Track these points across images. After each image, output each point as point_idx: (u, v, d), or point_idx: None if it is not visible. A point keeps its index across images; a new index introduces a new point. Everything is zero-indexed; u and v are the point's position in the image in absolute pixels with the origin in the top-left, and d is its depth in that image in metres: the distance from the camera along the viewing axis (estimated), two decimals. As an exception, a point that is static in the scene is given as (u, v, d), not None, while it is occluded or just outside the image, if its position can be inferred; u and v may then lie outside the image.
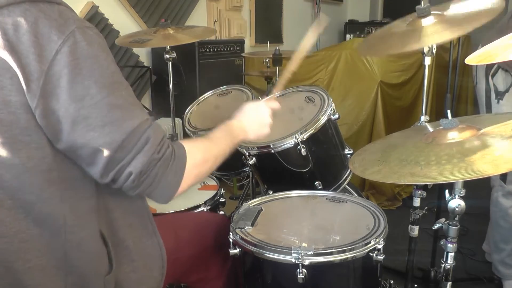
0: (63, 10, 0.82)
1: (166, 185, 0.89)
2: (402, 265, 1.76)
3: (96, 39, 0.83)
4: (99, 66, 0.81)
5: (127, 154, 0.83)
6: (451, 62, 1.97)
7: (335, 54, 3.19)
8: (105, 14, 2.50)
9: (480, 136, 1.00)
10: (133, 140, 0.83)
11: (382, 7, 5.84)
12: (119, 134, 0.81)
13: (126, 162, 0.83)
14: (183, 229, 1.30)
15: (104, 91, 0.81)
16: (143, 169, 0.84)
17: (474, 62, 1.00)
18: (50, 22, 0.78)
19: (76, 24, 0.80)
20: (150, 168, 0.85)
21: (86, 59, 0.80)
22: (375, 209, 1.35)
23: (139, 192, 0.88)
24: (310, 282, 1.12)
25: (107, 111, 0.80)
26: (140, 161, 0.84)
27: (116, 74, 0.85)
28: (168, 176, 0.88)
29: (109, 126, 0.81)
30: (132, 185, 0.85)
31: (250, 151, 1.59)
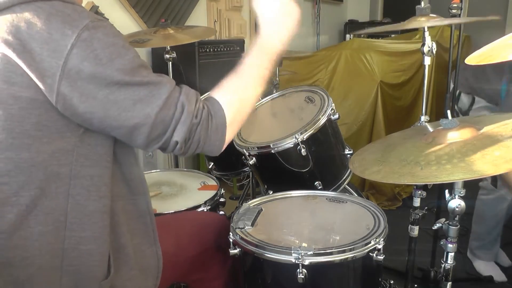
0: (77, 7, 0.83)
1: (212, 143, 0.92)
2: (402, 265, 1.76)
3: (110, 29, 0.84)
4: (118, 54, 0.82)
5: (167, 127, 0.86)
6: (451, 62, 1.97)
7: (335, 54, 3.20)
8: (105, 14, 2.50)
9: (480, 136, 1.00)
10: (169, 111, 0.85)
11: (382, 7, 5.84)
12: (151, 109, 0.83)
13: (169, 134, 0.86)
14: (184, 230, 1.30)
15: (128, 76, 0.82)
16: (186, 137, 0.87)
17: (474, 62, 1.00)
18: (63, 17, 0.79)
19: (90, 18, 0.82)
20: (192, 134, 0.88)
21: (104, 49, 0.81)
22: (375, 209, 1.35)
23: (191, 153, 0.92)
24: (310, 282, 1.12)
25: (134, 91, 0.82)
26: (182, 130, 0.87)
27: (136, 59, 0.86)
28: (211, 135, 0.91)
29: (139, 103, 0.83)
30: (180, 152, 0.89)
31: (250, 151, 1.59)
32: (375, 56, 3.06)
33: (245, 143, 1.63)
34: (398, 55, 3.12)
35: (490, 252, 2.20)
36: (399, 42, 3.35)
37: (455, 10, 1.75)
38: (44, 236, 0.85)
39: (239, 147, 1.63)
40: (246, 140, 1.65)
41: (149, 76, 0.86)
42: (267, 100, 1.86)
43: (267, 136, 1.60)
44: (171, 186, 1.72)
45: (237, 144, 1.64)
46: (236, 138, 1.67)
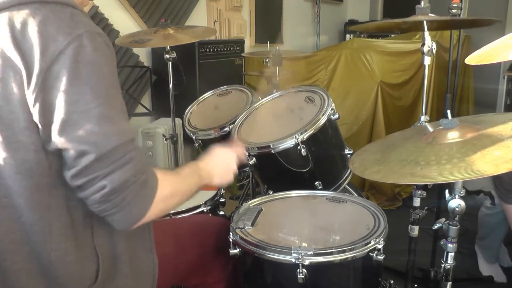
0: (76, 14, 0.82)
1: (131, 211, 0.85)
2: (402, 265, 1.76)
3: (103, 47, 0.83)
4: (98, 74, 0.81)
5: (107, 166, 0.80)
6: (451, 62, 1.97)
7: (335, 54, 3.20)
8: (105, 14, 2.50)
9: (480, 136, 1.00)
10: (117, 155, 0.81)
11: (382, 7, 5.84)
12: (104, 145, 0.80)
13: (103, 174, 0.80)
14: (184, 234, 1.29)
15: (99, 100, 0.80)
16: (117, 187, 0.81)
17: (474, 62, 1.00)
18: (59, 22, 0.78)
19: (85, 28, 0.80)
20: (123, 188, 0.82)
21: (87, 64, 0.79)
22: (375, 209, 1.35)
23: (101, 210, 0.83)
24: (310, 282, 1.12)
25: (98, 121, 0.79)
26: (118, 177, 0.81)
27: (113, 87, 0.84)
28: (136, 202, 0.85)
29: (96, 135, 0.79)
30: (100, 199, 0.81)
31: (250, 151, 1.59)
32: (375, 56, 3.06)
33: (245, 143, 1.63)
34: (398, 55, 3.12)
35: (492, 254, 2.20)
36: (399, 42, 3.35)
37: (455, 10, 1.75)
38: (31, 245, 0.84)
39: (239, 147, 1.63)
40: (246, 140, 1.65)
41: (118, 112, 0.83)
42: (267, 100, 1.85)
43: (267, 136, 1.60)
44: (171, 186, 1.71)
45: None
46: (236, 138, 1.67)
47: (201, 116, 2.04)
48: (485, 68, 2.05)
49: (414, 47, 2.95)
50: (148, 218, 0.88)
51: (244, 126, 1.74)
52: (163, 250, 1.19)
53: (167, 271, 1.18)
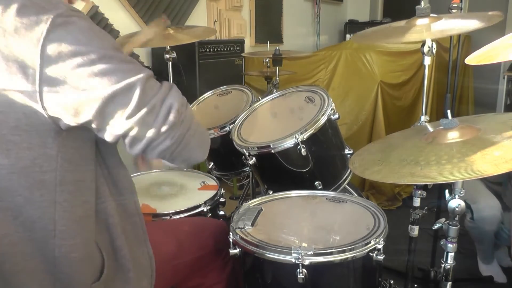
0: None
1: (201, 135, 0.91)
2: (402, 265, 1.76)
3: (85, 19, 0.81)
4: (96, 36, 0.80)
5: (158, 90, 0.83)
6: (451, 62, 1.97)
7: (335, 54, 3.20)
8: (105, 14, 2.50)
9: (480, 136, 1.00)
10: (155, 84, 0.84)
11: (382, 7, 5.84)
12: (143, 73, 0.81)
13: (161, 96, 0.82)
14: (184, 235, 1.29)
15: (111, 51, 0.80)
16: (181, 101, 0.84)
17: (474, 62, 1.00)
18: (36, 8, 0.76)
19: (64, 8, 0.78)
20: (184, 107, 0.85)
21: (81, 32, 0.78)
22: (375, 209, 1.35)
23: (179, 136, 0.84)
24: (310, 282, 1.12)
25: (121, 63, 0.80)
26: (177, 96, 0.85)
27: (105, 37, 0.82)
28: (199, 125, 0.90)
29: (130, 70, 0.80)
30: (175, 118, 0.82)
31: (250, 151, 1.59)
32: (375, 56, 3.06)
33: (245, 143, 1.63)
34: (398, 55, 3.12)
35: (486, 256, 2.22)
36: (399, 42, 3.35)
37: (455, 10, 1.75)
38: (33, 243, 0.83)
39: (239, 147, 1.63)
40: (246, 140, 1.65)
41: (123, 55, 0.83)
42: (267, 100, 1.86)
43: (267, 136, 1.60)
44: (171, 186, 1.72)
45: (237, 144, 1.64)
46: (236, 138, 1.67)
47: (201, 116, 2.04)
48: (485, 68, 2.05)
49: (414, 47, 2.94)
50: None
51: (244, 126, 1.74)
52: (163, 249, 1.19)
53: (167, 272, 1.18)
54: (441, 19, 1.44)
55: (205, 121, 1.98)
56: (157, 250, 1.17)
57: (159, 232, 1.25)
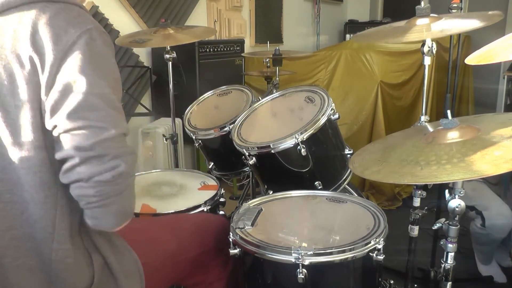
0: (83, 13, 0.86)
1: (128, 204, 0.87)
2: (402, 265, 1.76)
3: (109, 44, 0.87)
4: (108, 67, 0.85)
5: (123, 147, 0.83)
6: (451, 62, 1.97)
7: (335, 54, 3.20)
8: (105, 14, 2.50)
9: (480, 136, 1.00)
10: (125, 142, 0.84)
11: (382, 7, 5.85)
12: (120, 126, 0.83)
13: (120, 152, 0.81)
14: (185, 230, 1.30)
15: (109, 88, 0.83)
16: (128, 170, 0.82)
17: (474, 62, 1.00)
18: (68, 18, 0.82)
19: (94, 25, 0.85)
20: (130, 175, 0.84)
21: (99, 56, 0.83)
22: (375, 209, 1.35)
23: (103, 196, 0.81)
24: (310, 282, 1.12)
25: (112, 105, 0.83)
26: (131, 161, 0.84)
27: (118, 81, 0.88)
28: (133, 196, 0.87)
29: (113, 117, 0.82)
30: (108, 180, 0.80)
31: (250, 151, 1.59)
32: (375, 56, 3.06)
33: (245, 143, 1.63)
34: (398, 55, 3.12)
35: (486, 258, 2.21)
36: (399, 42, 3.35)
37: (455, 10, 1.75)
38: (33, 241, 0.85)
39: (239, 147, 1.63)
40: (246, 140, 1.65)
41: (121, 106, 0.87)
42: (267, 100, 1.86)
43: (267, 136, 1.60)
44: (171, 186, 1.72)
45: (237, 144, 1.64)
46: (236, 138, 1.67)
47: (201, 116, 2.04)
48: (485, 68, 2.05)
49: (414, 47, 2.94)
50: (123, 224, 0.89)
51: (244, 126, 1.74)
52: (164, 246, 1.19)
53: (168, 268, 1.18)
54: (441, 19, 1.44)
55: (205, 121, 1.98)
56: (157, 247, 1.17)
57: (160, 229, 1.25)
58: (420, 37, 1.42)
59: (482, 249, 2.18)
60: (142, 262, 1.05)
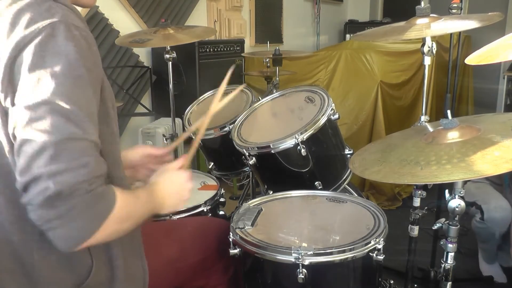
0: (55, 6, 0.80)
1: (77, 226, 0.73)
2: (402, 265, 1.76)
3: (78, 39, 0.78)
4: (65, 66, 0.75)
5: (55, 163, 0.71)
6: (451, 62, 1.96)
7: (335, 54, 3.20)
8: (105, 14, 2.50)
9: (480, 136, 1.00)
10: (69, 153, 0.72)
11: (382, 7, 5.84)
12: (55, 135, 0.72)
13: (49, 172, 0.70)
14: (187, 236, 1.29)
15: (59, 92, 0.74)
16: (64, 191, 0.71)
17: (474, 62, 1.00)
18: (33, 14, 0.78)
19: (61, 19, 0.77)
20: (72, 195, 0.71)
21: (54, 54, 0.75)
22: (375, 209, 1.35)
23: (41, 220, 0.72)
24: (310, 282, 1.12)
25: (51, 111, 0.73)
26: (67, 180, 0.71)
27: (82, 83, 0.77)
28: (85, 216, 0.74)
29: (47, 124, 0.72)
30: (41, 204, 0.71)
31: (250, 151, 1.59)
32: (375, 56, 3.06)
33: (245, 143, 1.63)
34: (398, 55, 3.12)
35: (490, 256, 2.21)
36: (399, 42, 3.35)
37: (455, 10, 1.75)
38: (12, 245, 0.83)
39: (239, 147, 1.63)
40: (246, 140, 1.65)
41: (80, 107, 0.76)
42: (267, 100, 1.86)
43: (267, 136, 1.60)
44: (171, 186, 1.71)
45: (237, 144, 1.64)
46: (236, 138, 1.67)
47: (201, 116, 2.04)
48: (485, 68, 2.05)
49: (414, 47, 2.95)
50: (95, 240, 0.76)
51: (244, 126, 1.74)
52: (166, 252, 1.18)
53: (170, 274, 1.18)
54: (441, 19, 1.44)
55: (205, 121, 1.97)
56: (159, 253, 1.17)
57: (161, 234, 1.25)
58: (420, 35, 1.42)
59: (485, 247, 2.17)
60: None
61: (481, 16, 1.39)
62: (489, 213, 1.97)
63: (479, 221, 2.01)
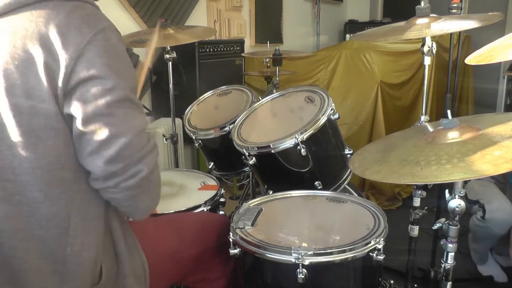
0: (96, 11, 0.86)
1: (154, 195, 0.93)
2: (402, 265, 1.76)
3: (122, 42, 0.87)
4: (126, 65, 0.86)
5: (139, 150, 0.85)
6: (451, 62, 1.97)
7: (335, 54, 3.20)
8: (105, 14, 2.50)
9: (480, 136, 1.00)
10: (144, 139, 0.86)
11: (382, 7, 5.84)
12: (135, 128, 0.84)
13: (137, 158, 0.84)
14: (187, 228, 1.30)
15: (128, 89, 0.84)
16: (151, 170, 0.86)
17: (474, 62, 1.00)
18: (82, 16, 0.81)
19: (108, 23, 0.84)
20: (154, 171, 0.88)
21: (115, 55, 0.83)
22: (375, 209, 1.35)
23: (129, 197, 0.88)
24: (310, 282, 1.12)
25: (130, 107, 0.84)
26: (152, 161, 0.87)
27: (135, 78, 0.89)
28: (157, 185, 0.92)
29: (130, 120, 0.84)
30: (135, 184, 0.85)
31: (250, 151, 1.59)
32: (375, 56, 3.06)
33: (245, 143, 1.63)
34: (398, 55, 3.12)
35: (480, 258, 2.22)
36: (399, 42, 3.35)
37: (455, 10, 1.75)
38: (45, 242, 0.84)
39: (239, 147, 1.63)
40: (246, 140, 1.65)
41: (139, 101, 0.89)
42: (267, 100, 1.86)
43: (267, 136, 1.60)
44: (171, 186, 1.72)
45: (237, 144, 1.64)
46: (236, 138, 1.67)
47: (201, 116, 2.04)
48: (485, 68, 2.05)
49: (414, 47, 2.95)
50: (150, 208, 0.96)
51: (244, 126, 1.74)
52: (166, 245, 1.19)
53: (170, 266, 1.18)
54: (441, 19, 1.44)
55: (205, 121, 1.98)
56: (159, 246, 1.18)
57: (161, 228, 1.25)
58: (420, 35, 1.42)
59: (477, 247, 2.17)
60: None
61: (481, 16, 1.39)
62: (491, 213, 1.96)
63: (480, 219, 2.00)
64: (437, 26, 1.41)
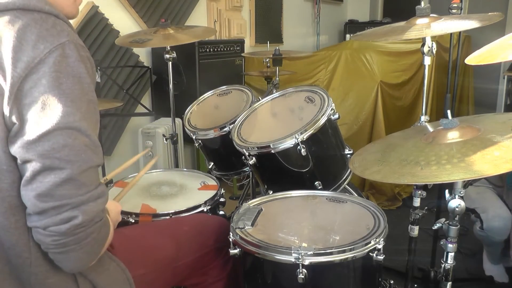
0: (59, 23, 0.78)
1: (91, 250, 0.80)
2: (402, 265, 1.76)
3: (85, 60, 0.78)
4: (80, 87, 0.76)
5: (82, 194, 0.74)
6: (451, 62, 1.97)
7: (335, 54, 3.20)
8: (105, 14, 2.50)
9: (480, 136, 1.00)
10: (91, 183, 0.76)
11: (382, 7, 5.84)
12: (79, 165, 0.74)
13: (76, 202, 0.73)
14: (184, 233, 1.29)
15: (79, 115, 0.75)
16: (87, 220, 0.74)
17: (474, 62, 1.00)
18: (40, 30, 0.74)
19: (68, 38, 0.76)
20: (91, 222, 0.76)
21: (69, 76, 0.75)
22: (375, 209, 1.35)
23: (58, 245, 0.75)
24: (310, 282, 1.12)
25: (76, 137, 0.74)
26: (92, 209, 0.75)
27: (93, 103, 0.79)
28: (96, 241, 0.79)
29: (73, 153, 0.73)
30: (65, 232, 0.73)
31: (250, 151, 1.59)
32: (375, 56, 3.06)
33: (245, 143, 1.63)
34: (398, 55, 3.12)
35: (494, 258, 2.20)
36: (399, 42, 3.35)
37: (455, 10, 1.75)
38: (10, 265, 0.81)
39: (239, 147, 1.63)
40: (246, 140, 1.65)
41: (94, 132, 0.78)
42: (267, 100, 1.86)
43: (267, 136, 1.60)
44: (171, 186, 1.72)
45: (237, 144, 1.64)
46: (236, 138, 1.67)
47: (201, 116, 2.04)
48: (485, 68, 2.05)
49: (414, 47, 2.95)
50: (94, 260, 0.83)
51: (244, 126, 1.74)
52: (163, 253, 1.19)
53: (167, 274, 1.18)
54: (441, 19, 1.44)
55: (205, 121, 1.98)
56: (156, 255, 1.17)
57: (157, 235, 1.25)
58: (420, 35, 1.42)
59: (490, 249, 2.17)
60: (141, 272, 1.04)
61: (481, 16, 1.39)
62: (488, 222, 1.97)
63: (479, 230, 2.01)
64: (437, 26, 1.41)
